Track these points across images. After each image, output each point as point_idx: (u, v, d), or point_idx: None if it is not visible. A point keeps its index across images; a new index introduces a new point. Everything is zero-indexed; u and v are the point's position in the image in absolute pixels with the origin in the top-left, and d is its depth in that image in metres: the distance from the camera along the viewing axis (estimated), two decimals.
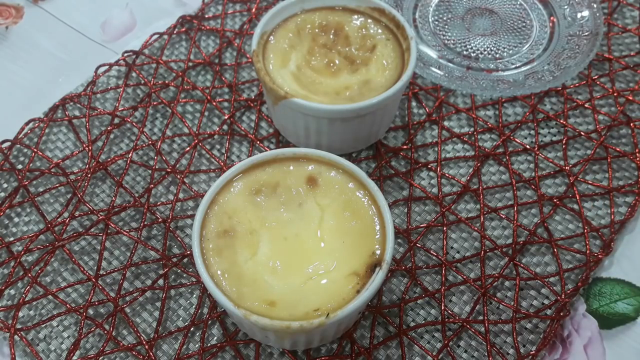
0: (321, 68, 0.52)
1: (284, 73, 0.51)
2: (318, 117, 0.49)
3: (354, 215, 0.43)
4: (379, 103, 0.48)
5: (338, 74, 0.51)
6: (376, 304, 0.48)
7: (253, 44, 0.51)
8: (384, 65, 0.52)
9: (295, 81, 0.51)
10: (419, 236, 0.51)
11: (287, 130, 0.54)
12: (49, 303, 0.48)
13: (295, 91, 0.50)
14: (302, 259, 0.41)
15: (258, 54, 0.51)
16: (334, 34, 0.53)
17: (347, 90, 0.50)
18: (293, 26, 0.54)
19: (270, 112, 0.56)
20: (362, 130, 0.52)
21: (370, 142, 0.55)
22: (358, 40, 0.53)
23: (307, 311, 0.39)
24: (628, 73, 0.60)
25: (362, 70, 0.51)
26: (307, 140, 0.53)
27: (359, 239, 0.42)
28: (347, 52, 0.52)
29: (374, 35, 0.53)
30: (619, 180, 0.54)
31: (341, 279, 0.40)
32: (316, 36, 0.53)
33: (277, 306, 0.39)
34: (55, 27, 0.66)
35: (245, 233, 0.42)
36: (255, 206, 0.43)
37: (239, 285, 0.40)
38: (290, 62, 0.52)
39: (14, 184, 0.54)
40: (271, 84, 0.49)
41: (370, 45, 0.53)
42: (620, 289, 0.49)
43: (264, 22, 0.52)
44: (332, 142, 0.52)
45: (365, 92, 0.50)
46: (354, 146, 0.54)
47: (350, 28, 0.54)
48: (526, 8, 0.63)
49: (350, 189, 0.44)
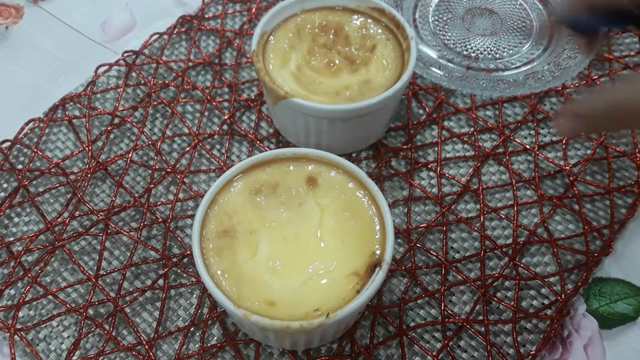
0: (321, 68, 0.52)
1: (283, 73, 0.51)
2: (318, 117, 0.49)
3: (354, 216, 0.43)
4: (379, 103, 0.48)
5: (338, 74, 0.51)
6: (376, 304, 0.48)
7: (253, 44, 0.51)
8: (384, 65, 0.52)
9: (295, 81, 0.51)
10: (419, 236, 0.51)
11: (287, 130, 0.54)
12: (49, 303, 0.48)
13: (295, 91, 0.49)
14: (302, 259, 0.41)
15: (258, 54, 0.51)
16: (333, 34, 0.53)
17: (347, 90, 0.50)
18: (293, 26, 0.54)
19: (270, 112, 0.56)
20: (362, 130, 0.52)
21: (370, 142, 0.55)
22: (358, 40, 0.53)
23: (307, 311, 0.39)
24: (628, 73, 0.60)
25: (362, 70, 0.51)
26: (307, 140, 0.53)
27: (359, 239, 0.42)
28: (347, 52, 0.52)
29: (373, 35, 0.53)
30: (619, 180, 0.54)
31: (341, 279, 0.40)
32: (316, 36, 0.53)
33: (277, 306, 0.39)
34: (55, 27, 0.66)
35: (245, 233, 0.42)
36: (255, 206, 0.43)
37: (238, 285, 0.40)
38: (290, 62, 0.52)
39: (14, 184, 0.54)
40: (271, 84, 0.49)
41: (370, 45, 0.53)
42: (620, 289, 0.49)
43: (264, 22, 0.52)
44: (332, 142, 0.52)
45: (365, 92, 0.50)
46: (354, 146, 0.54)
47: (350, 28, 0.54)
48: (526, 8, 0.63)
49: (350, 189, 0.44)
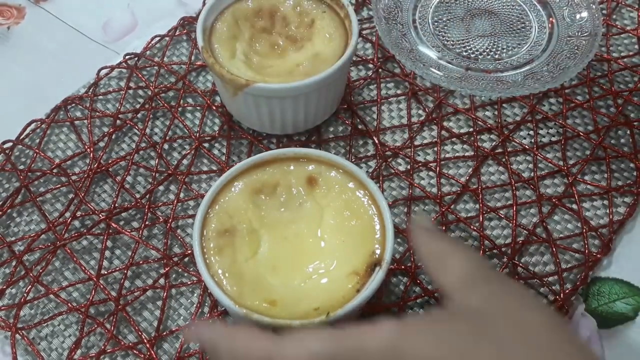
0: (267, 52, 0.53)
1: (234, 63, 0.52)
2: (282, 97, 0.50)
3: (353, 215, 0.43)
4: (340, 68, 0.50)
5: (285, 54, 0.53)
6: (375, 303, 0.48)
7: (199, 41, 0.51)
8: (327, 37, 0.53)
9: (248, 69, 0.52)
10: None
11: (251, 119, 0.55)
12: (50, 302, 0.49)
13: (252, 78, 0.50)
14: (302, 259, 0.41)
15: (207, 50, 0.51)
16: (270, 17, 0.55)
17: (299, 66, 0.52)
18: (230, 17, 0.54)
19: (228, 105, 0.57)
20: (324, 100, 0.53)
21: (334, 109, 0.57)
22: (295, 18, 0.54)
23: (307, 310, 0.39)
24: (627, 74, 0.60)
25: (307, 46, 0.53)
26: (272, 125, 0.54)
27: (359, 238, 0.42)
28: (288, 31, 0.54)
29: (309, 11, 0.55)
30: (617, 180, 0.54)
31: (341, 278, 0.40)
32: (254, 22, 0.54)
33: (277, 305, 0.39)
34: (56, 27, 0.66)
35: (245, 232, 0.42)
36: (255, 206, 0.44)
37: (239, 284, 0.40)
38: (237, 52, 0.53)
39: (16, 184, 0.54)
40: (229, 75, 0.49)
41: (308, 21, 0.54)
42: (619, 289, 0.50)
43: (203, 18, 0.53)
44: (297, 120, 0.53)
45: (318, 64, 0.51)
46: (321, 118, 0.56)
47: (285, 8, 0.55)
48: (525, 9, 0.63)
49: (350, 188, 0.44)
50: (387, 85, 0.60)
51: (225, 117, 0.57)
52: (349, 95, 0.59)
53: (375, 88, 0.60)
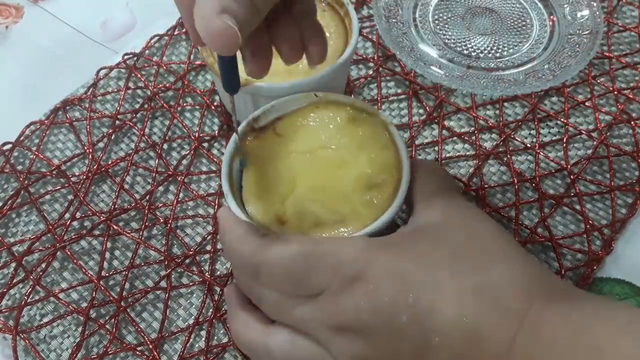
0: None
1: None
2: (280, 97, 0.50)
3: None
4: (340, 67, 0.50)
5: None
6: None
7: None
8: (327, 36, 0.52)
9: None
10: None
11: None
12: (50, 304, 0.48)
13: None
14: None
15: (206, 49, 0.51)
16: None
17: (299, 65, 0.51)
18: None
19: (227, 105, 0.56)
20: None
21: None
22: None
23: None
24: (628, 72, 0.60)
25: None
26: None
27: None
28: None
29: None
30: (619, 179, 0.54)
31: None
32: None
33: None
34: (55, 26, 0.66)
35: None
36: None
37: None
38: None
39: (15, 185, 0.54)
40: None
41: None
42: (621, 289, 0.49)
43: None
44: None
45: None
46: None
47: None
48: (526, 7, 0.63)
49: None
50: (388, 84, 0.60)
51: (225, 117, 0.57)
52: (349, 95, 0.59)
53: (376, 87, 0.60)
